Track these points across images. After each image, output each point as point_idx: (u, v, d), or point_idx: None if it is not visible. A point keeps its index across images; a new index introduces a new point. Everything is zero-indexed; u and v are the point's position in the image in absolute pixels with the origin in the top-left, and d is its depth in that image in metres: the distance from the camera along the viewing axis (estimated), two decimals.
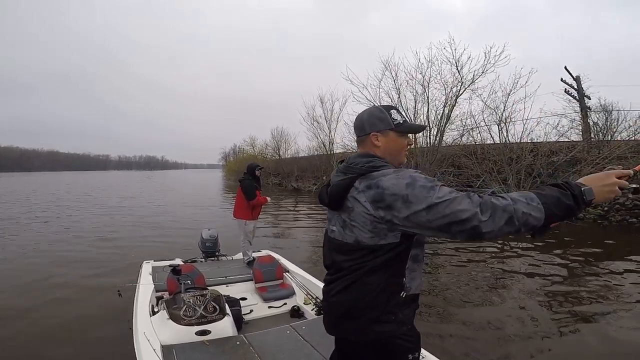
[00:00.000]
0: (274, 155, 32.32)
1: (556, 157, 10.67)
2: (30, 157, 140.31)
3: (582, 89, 11.80)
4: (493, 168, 11.16)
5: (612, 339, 3.18)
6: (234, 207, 4.53)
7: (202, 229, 4.61)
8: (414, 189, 0.96)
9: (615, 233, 8.23)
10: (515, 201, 0.90)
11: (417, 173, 1.01)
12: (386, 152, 1.16)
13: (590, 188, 0.93)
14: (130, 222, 10.14)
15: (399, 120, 1.16)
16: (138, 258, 4.64)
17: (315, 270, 4.09)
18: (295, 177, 26.05)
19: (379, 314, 1.07)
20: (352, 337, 1.14)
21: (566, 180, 0.97)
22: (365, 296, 1.07)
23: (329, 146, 22.11)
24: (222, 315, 2.40)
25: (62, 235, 8.22)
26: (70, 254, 6.34)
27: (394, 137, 1.16)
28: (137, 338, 2.23)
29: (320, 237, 5.21)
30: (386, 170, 1.06)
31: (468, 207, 0.90)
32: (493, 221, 0.89)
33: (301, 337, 2.28)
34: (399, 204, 0.97)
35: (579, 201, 0.91)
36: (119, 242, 7.35)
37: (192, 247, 5.14)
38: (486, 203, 0.90)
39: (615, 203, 9.83)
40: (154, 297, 2.98)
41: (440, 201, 0.92)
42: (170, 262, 3.72)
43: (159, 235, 8.25)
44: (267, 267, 3.56)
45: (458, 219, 0.91)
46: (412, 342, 1.13)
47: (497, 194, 0.94)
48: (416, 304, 1.16)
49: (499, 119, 11.76)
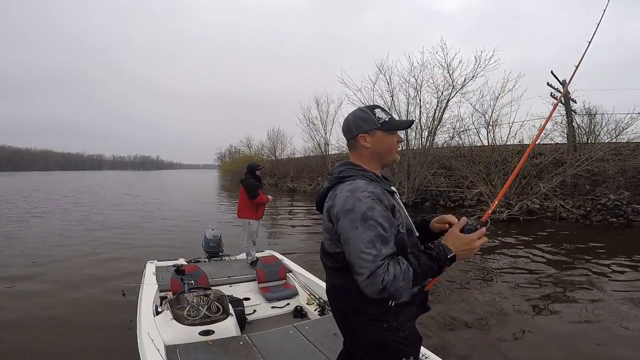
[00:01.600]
0: (270, 156, 32.05)
1: (537, 160, 10.86)
2: (22, 156, 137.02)
3: (568, 93, 12.00)
4: (482, 170, 11.31)
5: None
6: (238, 208, 4.47)
7: (206, 229, 4.55)
8: (346, 217, 1.01)
9: (595, 232, 8.41)
10: (396, 280, 0.96)
11: (368, 199, 1.00)
12: (376, 152, 1.14)
13: (454, 255, 1.03)
14: (133, 222, 9.95)
15: (384, 118, 1.13)
16: (142, 258, 4.57)
17: (318, 270, 4.07)
18: (291, 177, 25.89)
19: (369, 320, 1.07)
20: (348, 340, 1.16)
21: (439, 246, 1.05)
22: (346, 301, 1.11)
23: (324, 147, 22.05)
24: (225, 316, 2.38)
25: (64, 235, 8.03)
26: (74, 254, 6.22)
27: (381, 136, 1.13)
28: (140, 338, 2.21)
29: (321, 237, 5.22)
30: (348, 183, 1.07)
31: (364, 266, 0.96)
32: (371, 286, 0.96)
33: (304, 337, 2.27)
34: (339, 222, 1.03)
35: (442, 269, 1.03)
36: (123, 243, 7.22)
37: (196, 247, 5.08)
38: (376, 274, 0.95)
39: (597, 203, 10.08)
40: (158, 297, 2.94)
41: (352, 245, 0.99)
42: (174, 262, 3.68)
43: (163, 235, 8.13)
44: (270, 268, 3.54)
45: (355, 269, 0.99)
46: (408, 345, 1.10)
47: (395, 268, 0.97)
48: (419, 309, 1.14)
49: (487, 123, 11.94)
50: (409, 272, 0.97)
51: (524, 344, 3.11)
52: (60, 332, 3.24)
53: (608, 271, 5.21)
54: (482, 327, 3.38)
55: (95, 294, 4.16)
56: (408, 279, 0.97)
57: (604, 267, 5.39)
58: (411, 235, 1.12)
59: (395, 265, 0.97)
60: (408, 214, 1.17)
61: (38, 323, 3.44)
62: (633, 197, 9.72)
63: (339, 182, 1.10)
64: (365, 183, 1.05)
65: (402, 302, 1.07)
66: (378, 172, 1.17)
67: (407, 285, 0.97)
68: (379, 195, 1.02)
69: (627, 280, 4.86)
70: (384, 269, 0.95)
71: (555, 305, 3.91)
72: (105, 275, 4.88)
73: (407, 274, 0.96)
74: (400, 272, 0.96)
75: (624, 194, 9.87)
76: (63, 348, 2.96)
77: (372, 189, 1.02)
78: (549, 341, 3.13)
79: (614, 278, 4.91)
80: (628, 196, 9.76)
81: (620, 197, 9.81)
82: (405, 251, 1.06)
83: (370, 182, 1.07)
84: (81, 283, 4.63)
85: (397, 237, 1.04)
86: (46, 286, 4.52)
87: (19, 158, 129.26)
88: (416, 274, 0.98)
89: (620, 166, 10.35)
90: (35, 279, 4.82)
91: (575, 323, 3.50)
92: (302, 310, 3.07)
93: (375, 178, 1.12)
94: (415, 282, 0.99)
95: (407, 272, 0.97)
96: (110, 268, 5.28)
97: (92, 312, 3.63)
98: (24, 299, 4.06)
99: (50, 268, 5.35)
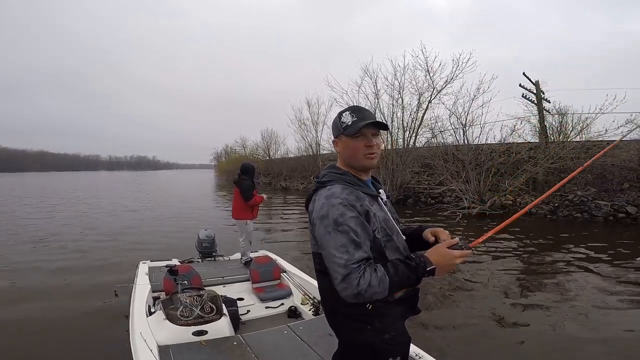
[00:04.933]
0: (264, 156, 31.77)
1: (501, 159, 11.07)
2: (18, 157, 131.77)
3: (540, 93, 12.24)
4: (461, 169, 11.47)
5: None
6: (233, 209, 4.29)
7: (199, 229, 4.37)
8: (321, 223, 1.00)
9: (562, 226, 8.59)
10: (371, 286, 0.93)
11: (340, 205, 0.98)
12: (345, 157, 1.10)
13: (434, 268, 0.99)
14: (125, 223, 9.59)
15: (347, 122, 1.06)
16: (134, 258, 4.37)
17: (313, 270, 3.95)
18: (284, 176, 25.76)
19: (353, 321, 1.04)
20: (338, 337, 1.13)
21: (420, 257, 1.01)
22: (329, 302, 1.09)
23: (315, 147, 21.99)
24: (219, 316, 2.28)
25: (56, 236, 7.69)
26: (66, 255, 5.94)
27: (345, 140, 1.08)
28: (133, 338, 2.10)
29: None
30: (327, 189, 1.05)
31: (338, 270, 0.95)
32: (346, 290, 0.94)
33: (298, 338, 2.18)
34: (315, 227, 1.02)
35: (419, 280, 1.00)
36: (115, 243, 6.93)
37: (189, 247, 4.87)
38: (350, 278, 0.93)
39: (565, 199, 10.34)
40: (151, 298, 2.81)
41: (326, 249, 0.98)
42: (167, 262, 3.51)
43: (156, 235, 7.83)
44: (265, 268, 3.40)
45: (331, 273, 0.98)
46: (395, 345, 1.06)
47: (370, 271, 0.95)
48: (407, 311, 1.11)
49: (462, 124, 12.13)
50: (385, 279, 0.95)
51: (508, 337, 3.10)
52: (52, 333, 3.06)
53: (569, 261, 5.35)
54: (471, 326, 3.33)
55: (88, 295, 3.95)
56: (384, 286, 0.94)
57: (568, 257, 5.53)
58: (391, 240, 1.06)
59: (372, 271, 0.95)
60: (394, 218, 1.13)
61: (29, 324, 3.24)
62: (598, 193, 10.01)
63: (320, 186, 1.08)
64: (342, 189, 1.03)
65: (384, 304, 1.02)
66: (364, 175, 1.12)
67: (382, 293, 0.95)
68: (351, 202, 1.00)
69: (581, 270, 4.96)
70: (359, 273, 0.93)
71: (536, 302, 3.93)
72: (98, 276, 4.66)
73: (383, 281, 0.94)
74: (376, 278, 0.94)
75: (590, 190, 10.16)
76: (55, 349, 2.80)
77: (345, 196, 1.00)
78: (533, 338, 3.11)
79: (573, 269, 5.02)
80: (593, 192, 10.05)
81: (587, 194, 10.09)
82: (383, 255, 1.03)
83: (346, 188, 1.03)
84: (73, 283, 4.41)
85: (374, 243, 1.02)
86: (38, 287, 4.29)
87: (14, 159, 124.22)
88: (392, 282, 0.96)
89: (593, 164, 10.64)
90: (26, 279, 4.57)
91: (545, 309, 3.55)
92: (296, 310, 2.95)
93: (357, 182, 1.08)
94: (391, 290, 0.96)
95: (383, 280, 0.94)
96: (102, 268, 5.05)
97: (85, 313, 3.45)
98: (15, 300, 3.85)
99: (41, 268, 5.09)
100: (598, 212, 9.36)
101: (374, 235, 1.02)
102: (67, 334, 3.03)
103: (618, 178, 10.02)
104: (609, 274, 4.71)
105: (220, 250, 4.38)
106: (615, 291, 4.12)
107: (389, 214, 1.12)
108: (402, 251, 1.08)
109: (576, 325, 3.25)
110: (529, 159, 11.43)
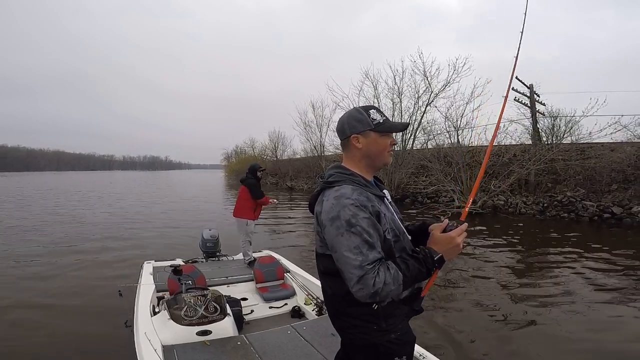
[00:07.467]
0: (272, 157, 31.63)
1: (492, 160, 11.02)
2: (36, 157, 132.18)
3: (534, 96, 12.12)
4: (456, 171, 11.39)
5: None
6: (235, 207, 4.14)
7: (203, 229, 4.22)
8: (332, 225, 0.94)
9: (550, 226, 8.48)
10: (387, 284, 0.90)
11: (352, 206, 0.93)
12: (367, 153, 1.05)
13: (441, 256, 0.97)
14: (131, 223, 9.37)
15: (378, 119, 1.03)
16: (139, 258, 4.27)
17: (316, 270, 3.84)
18: (290, 177, 25.73)
19: (359, 321, 1.00)
20: (342, 338, 1.09)
21: (425, 249, 0.99)
22: (335, 303, 1.05)
23: (320, 149, 21.85)
24: (222, 316, 2.20)
25: (60, 235, 7.51)
26: (71, 254, 5.80)
27: (375, 137, 1.03)
28: (138, 338, 2.02)
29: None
30: (335, 189, 0.98)
31: (352, 272, 0.90)
32: (361, 291, 0.90)
33: (302, 338, 2.10)
34: (325, 228, 0.97)
35: (430, 271, 0.97)
36: (120, 242, 6.76)
37: (193, 247, 4.75)
38: (365, 278, 0.89)
39: (554, 200, 10.21)
40: (155, 297, 2.72)
41: (339, 252, 0.93)
42: (171, 262, 3.43)
43: (160, 235, 7.64)
44: (268, 268, 3.28)
45: (345, 275, 0.92)
46: (401, 345, 1.02)
47: (384, 269, 0.91)
48: (411, 311, 1.06)
49: (457, 127, 12.04)
50: (398, 276, 0.92)
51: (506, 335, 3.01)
52: (57, 332, 2.97)
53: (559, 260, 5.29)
54: (471, 325, 3.21)
55: (92, 294, 3.84)
56: (398, 282, 0.91)
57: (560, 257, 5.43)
58: (399, 241, 1.02)
59: (385, 270, 0.91)
60: (398, 218, 1.08)
61: (34, 323, 3.15)
62: (587, 194, 9.89)
63: (327, 186, 1.02)
64: (351, 189, 0.97)
65: (390, 304, 0.99)
66: (369, 176, 1.07)
67: (397, 290, 0.92)
68: (363, 202, 0.95)
69: (566, 267, 4.90)
70: (374, 273, 0.89)
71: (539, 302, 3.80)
72: (102, 276, 4.53)
73: (397, 278, 0.91)
74: (390, 276, 0.91)
75: (579, 191, 10.04)
76: (60, 348, 2.70)
77: (356, 196, 0.95)
78: (531, 334, 3.03)
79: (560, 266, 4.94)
80: (582, 193, 9.93)
81: (576, 194, 9.97)
82: (392, 256, 0.99)
83: (356, 189, 0.98)
84: (78, 283, 4.27)
85: (384, 243, 0.97)
86: (42, 286, 4.17)
87: (33, 159, 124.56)
88: (406, 277, 0.93)
89: (582, 165, 10.51)
90: (31, 279, 4.46)
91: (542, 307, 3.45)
92: (299, 310, 2.84)
93: (365, 183, 1.02)
94: (405, 286, 0.93)
95: (397, 276, 0.91)
96: (107, 268, 4.90)
97: (89, 312, 3.35)
98: (19, 299, 3.74)
99: (46, 268, 4.95)
100: (584, 213, 9.26)
101: (384, 236, 0.98)
102: (71, 333, 2.94)
103: (607, 179, 9.89)
104: (591, 273, 4.64)
105: (224, 250, 4.25)
106: (599, 287, 4.08)
107: (395, 214, 1.07)
108: (409, 252, 1.04)
109: (575, 323, 3.20)
110: (517, 161, 11.31)
